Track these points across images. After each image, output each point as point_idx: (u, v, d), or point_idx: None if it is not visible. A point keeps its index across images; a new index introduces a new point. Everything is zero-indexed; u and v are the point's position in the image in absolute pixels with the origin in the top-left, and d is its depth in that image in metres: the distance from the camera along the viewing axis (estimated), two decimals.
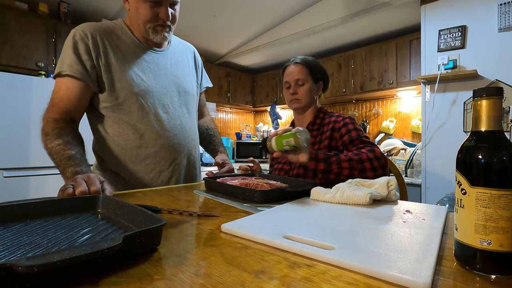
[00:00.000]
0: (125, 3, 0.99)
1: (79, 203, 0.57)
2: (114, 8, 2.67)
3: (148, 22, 0.96)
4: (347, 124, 1.10)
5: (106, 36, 0.97)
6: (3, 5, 2.21)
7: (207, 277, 0.33)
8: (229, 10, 2.70)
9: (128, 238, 0.34)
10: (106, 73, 0.95)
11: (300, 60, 1.21)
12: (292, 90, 1.19)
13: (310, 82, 1.20)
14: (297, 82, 1.19)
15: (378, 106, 3.24)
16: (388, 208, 0.65)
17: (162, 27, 0.98)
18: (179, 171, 1.09)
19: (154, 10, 0.94)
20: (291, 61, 1.24)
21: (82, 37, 0.93)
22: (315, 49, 3.39)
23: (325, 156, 0.92)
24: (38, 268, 0.26)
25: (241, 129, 4.52)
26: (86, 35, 0.93)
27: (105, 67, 0.94)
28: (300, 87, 1.19)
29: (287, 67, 1.23)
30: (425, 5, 2.20)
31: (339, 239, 0.43)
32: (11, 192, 2.02)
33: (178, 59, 1.13)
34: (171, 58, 1.10)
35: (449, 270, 0.36)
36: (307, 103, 1.20)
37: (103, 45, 0.95)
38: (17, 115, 2.06)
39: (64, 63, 0.91)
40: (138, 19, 0.96)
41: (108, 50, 0.96)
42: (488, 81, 1.93)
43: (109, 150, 1.01)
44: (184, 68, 1.14)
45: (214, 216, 0.60)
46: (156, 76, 1.03)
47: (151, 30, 0.97)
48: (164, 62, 1.07)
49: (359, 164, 0.93)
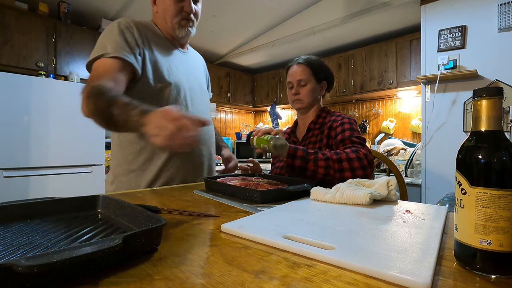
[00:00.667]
0: (153, 6, 1.07)
1: (79, 203, 0.57)
2: (114, 8, 2.67)
3: (175, 17, 1.03)
4: (344, 123, 1.10)
5: (145, 29, 1.03)
6: (3, 5, 2.21)
7: (207, 277, 0.33)
8: (229, 10, 2.70)
9: (128, 238, 0.34)
10: (147, 62, 0.98)
11: (303, 60, 1.21)
12: (294, 91, 1.20)
13: (313, 82, 1.20)
14: (300, 82, 1.19)
15: (378, 106, 3.24)
16: (388, 208, 0.65)
17: (186, 21, 1.05)
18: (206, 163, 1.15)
19: (179, 5, 1.02)
20: (294, 61, 1.23)
21: (128, 27, 0.96)
22: (315, 49, 3.39)
23: (303, 154, 0.94)
24: (38, 268, 0.26)
25: (241, 129, 4.51)
26: (131, 26, 0.97)
27: (146, 56, 0.98)
28: (303, 88, 1.19)
29: (290, 67, 1.23)
30: (425, 5, 2.20)
31: (339, 239, 0.43)
32: (11, 192, 2.02)
33: (196, 62, 1.23)
34: (192, 60, 1.19)
35: (449, 270, 0.36)
36: (309, 103, 1.20)
37: (145, 37, 1.01)
38: (17, 115, 2.06)
39: (108, 47, 0.90)
40: (166, 17, 1.04)
41: (149, 42, 1.01)
42: (488, 81, 1.93)
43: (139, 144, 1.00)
44: (201, 71, 1.25)
45: (214, 216, 0.60)
46: (185, 72, 1.10)
47: (177, 25, 1.04)
48: (188, 62, 1.16)
49: (336, 163, 0.93)
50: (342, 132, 1.07)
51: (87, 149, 2.38)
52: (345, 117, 1.14)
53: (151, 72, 0.98)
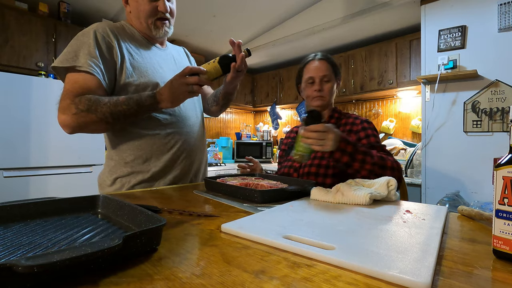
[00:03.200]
0: (126, 6, 1.04)
1: (79, 203, 0.57)
2: (114, 8, 2.67)
3: (149, 17, 1.00)
4: (366, 128, 1.11)
5: (121, 33, 1.01)
6: (3, 5, 2.21)
7: (207, 277, 0.33)
8: (229, 10, 2.70)
9: (128, 238, 0.34)
10: (127, 66, 0.97)
11: (324, 57, 1.20)
12: (318, 86, 1.17)
13: (334, 80, 1.19)
14: (323, 78, 1.17)
15: (378, 106, 3.24)
16: (388, 208, 0.65)
17: (162, 22, 1.03)
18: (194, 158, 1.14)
19: (153, 5, 0.99)
20: (313, 57, 1.21)
21: (103, 35, 0.94)
22: (315, 49, 3.39)
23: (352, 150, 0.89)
24: (38, 268, 0.26)
25: (241, 129, 4.51)
26: (106, 33, 0.95)
27: (126, 61, 0.96)
28: (326, 84, 1.17)
29: (311, 62, 1.20)
30: (425, 5, 2.20)
31: (339, 239, 0.43)
32: (11, 192, 2.02)
33: (177, 57, 1.20)
34: (172, 56, 1.17)
35: (449, 270, 0.36)
36: (329, 100, 1.19)
37: (123, 41, 0.99)
38: (17, 115, 2.06)
39: (81, 59, 0.89)
40: (140, 17, 1.01)
41: (127, 46, 1.00)
42: (488, 81, 1.93)
43: (134, 145, 1.00)
44: (185, 64, 1.21)
45: (214, 216, 0.60)
46: (168, 70, 1.09)
47: (153, 26, 1.02)
48: (168, 59, 1.13)
49: (380, 170, 0.93)
50: (367, 137, 1.09)
51: (87, 149, 2.38)
52: (363, 120, 1.15)
53: (135, 75, 0.97)
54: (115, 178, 1.00)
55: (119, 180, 1.00)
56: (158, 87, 0.99)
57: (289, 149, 1.24)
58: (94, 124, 0.89)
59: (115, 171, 1.01)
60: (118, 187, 1.00)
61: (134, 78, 0.97)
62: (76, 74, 0.89)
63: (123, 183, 1.00)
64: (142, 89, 0.98)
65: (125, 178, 1.00)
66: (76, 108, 0.86)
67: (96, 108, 0.86)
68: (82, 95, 0.88)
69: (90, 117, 0.87)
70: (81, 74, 0.89)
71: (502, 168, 0.40)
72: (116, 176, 1.00)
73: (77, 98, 0.87)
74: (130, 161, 1.00)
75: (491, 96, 1.91)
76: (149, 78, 1.00)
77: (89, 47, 0.90)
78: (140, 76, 0.98)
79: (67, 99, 0.88)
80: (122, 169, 1.00)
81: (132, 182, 1.00)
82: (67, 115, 0.87)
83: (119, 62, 0.95)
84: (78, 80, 0.89)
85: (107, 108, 0.87)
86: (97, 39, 0.92)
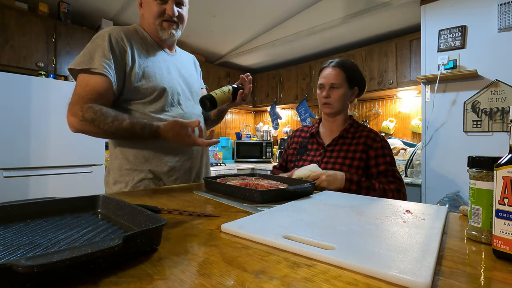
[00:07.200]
0: (140, 9, 1.08)
1: (79, 203, 0.57)
2: (114, 8, 2.67)
3: (157, 18, 1.04)
4: (386, 154, 1.13)
5: (134, 37, 1.04)
6: (3, 5, 2.21)
7: (207, 277, 0.33)
8: (229, 10, 2.70)
9: (128, 238, 0.34)
10: (136, 70, 0.99)
11: (338, 64, 1.20)
12: (325, 93, 1.19)
13: (345, 87, 1.19)
14: (332, 85, 1.18)
15: (378, 106, 3.24)
16: (388, 208, 0.65)
17: (168, 24, 1.05)
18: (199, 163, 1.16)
19: (161, 7, 1.03)
20: (328, 63, 1.23)
21: (117, 39, 0.98)
22: (315, 49, 3.39)
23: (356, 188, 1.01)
24: (38, 268, 0.26)
25: (241, 129, 4.51)
26: (121, 37, 0.99)
27: (136, 64, 0.99)
28: (334, 91, 1.18)
29: (324, 69, 1.22)
30: (425, 5, 2.20)
31: (339, 239, 0.43)
32: (11, 192, 2.02)
33: (184, 63, 1.23)
34: (180, 62, 1.20)
35: (449, 270, 0.36)
36: (338, 108, 1.20)
37: (136, 45, 1.03)
38: (17, 115, 2.06)
39: (95, 60, 0.93)
40: (149, 18, 1.05)
41: (139, 49, 1.03)
42: (488, 81, 1.93)
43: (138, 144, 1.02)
44: (191, 72, 1.25)
45: (214, 216, 0.60)
46: (176, 75, 1.12)
47: (160, 27, 1.05)
48: (177, 64, 1.16)
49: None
50: (385, 164, 1.11)
51: (87, 149, 2.37)
52: (382, 138, 1.17)
53: (143, 80, 1.00)
54: (119, 177, 1.02)
55: (123, 178, 1.02)
56: (164, 92, 1.04)
57: (301, 148, 1.28)
58: (95, 134, 0.96)
59: (119, 170, 1.03)
60: (122, 186, 1.02)
61: (142, 83, 1.00)
62: (87, 75, 0.93)
63: (127, 181, 1.01)
64: (149, 93, 1.01)
65: (129, 176, 1.02)
66: (83, 116, 0.91)
67: (99, 123, 0.91)
68: (91, 99, 0.92)
69: (93, 128, 0.93)
70: (92, 76, 0.93)
71: (502, 168, 0.40)
72: (120, 175, 1.02)
73: (86, 106, 0.91)
74: (133, 160, 1.02)
75: (491, 96, 1.91)
76: (156, 82, 1.03)
77: (104, 50, 0.94)
78: (149, 81, 1.01)
79: (77, 105, 0.93)
80: (126, 168, 1.02)
81: (135, 181, 1.01)
82: (76, 118, 0.93)
83: (130, 66, 0.99)
84: (89, 83, 0.93)
85: (109, 127, 0.92)
86: (111, 42, 0.96)
